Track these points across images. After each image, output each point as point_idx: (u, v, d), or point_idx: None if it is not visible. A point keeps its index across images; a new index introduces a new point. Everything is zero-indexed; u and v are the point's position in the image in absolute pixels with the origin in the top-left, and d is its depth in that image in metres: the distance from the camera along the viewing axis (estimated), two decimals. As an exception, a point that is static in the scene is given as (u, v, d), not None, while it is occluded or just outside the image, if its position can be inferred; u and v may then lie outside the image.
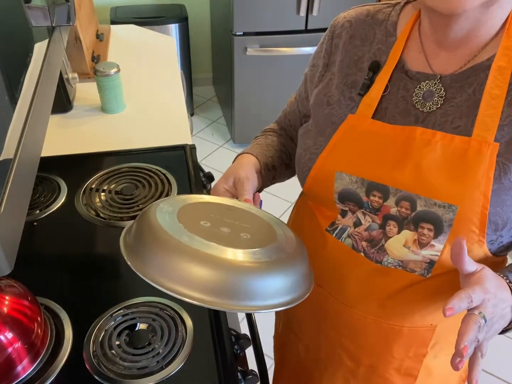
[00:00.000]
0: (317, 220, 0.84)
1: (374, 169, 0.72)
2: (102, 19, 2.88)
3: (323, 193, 0.79)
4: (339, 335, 0.89)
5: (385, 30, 0.77)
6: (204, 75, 3.65)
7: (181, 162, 1.28)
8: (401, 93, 0.73)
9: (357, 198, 0.75)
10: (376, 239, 0.76)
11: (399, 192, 0.71)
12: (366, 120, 0.74)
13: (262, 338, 1.01)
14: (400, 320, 0.81)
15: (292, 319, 1.03)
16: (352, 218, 0.77)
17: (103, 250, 1.05)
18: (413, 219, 0.71)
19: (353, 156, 0.74)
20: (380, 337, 0.84)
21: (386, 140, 0.72)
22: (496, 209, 0.67)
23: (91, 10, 1.93)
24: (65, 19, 0.80)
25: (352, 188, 0.74)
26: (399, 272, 0.76)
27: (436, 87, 0.71)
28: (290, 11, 2.59)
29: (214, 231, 0.62)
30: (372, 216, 0.75)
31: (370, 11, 0.80)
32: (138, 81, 1.71)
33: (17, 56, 0.66)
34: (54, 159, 1.28)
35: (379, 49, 0.76)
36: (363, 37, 0.79)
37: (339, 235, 0.80)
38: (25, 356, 0.77)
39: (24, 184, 0.60)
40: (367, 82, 0.75)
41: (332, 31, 0.83)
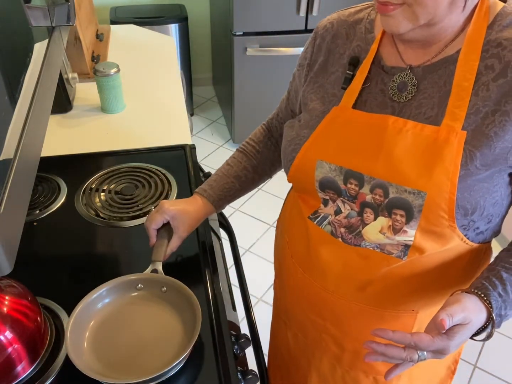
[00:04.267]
0: (301, 209, 0.88)
1: (351, 158, 0.75)
2: (102, 19, 2.88)
3: (305, 182, 0.82)
4: (324, 321, 0.92)
5: (364, 28, 0.80)
6: (204, 75, 3.65)
7: (181, 162, 1.28)
8: (379, 87, 0.77)
9: (336, 186, 0.78)
10: (354, 226, 0.79)
11: (373, 180, 0.74)
12: (346, 111, 0.77)
13: (262, 338, 1.01)
14: (381, 304, 0.84)
15: (280, 308, 1.06)
16: (333, 207, 0.81)
17: (103, 250, 1.05)
18: (386, 205, 0.74)
19: (334, 145, 0.77)
20: (363, 323, 0.87)
21: (363, 129, 0.75)
22: (463, 195, 0.70)
23: (91, 10, 1.93)
24: (65, 19, 0.80)
25: (331, 176, 0.77)
26: (377, 254, 0.79)
27: (408, 77, 0.74)
28: (290, 11, 2.59)
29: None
30: (351, 204, 0.78)
31: (351, 12, 0.84)
32: (138, 81, 1.71)
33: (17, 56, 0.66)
34: (54, 159, 1.28)
35: (358, 45, 0.80)
36: (344, 36, 0.82)
37: (320, 222, 0.84)
38: (25, 356, 0.77)
39: (24, 184, 0.60)
40: (349, 76, 0.79)
41: (316, 32, 0.87)
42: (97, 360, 0.79)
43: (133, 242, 1.06)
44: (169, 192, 1.17)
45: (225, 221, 1.31)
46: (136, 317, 0.85)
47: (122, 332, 0.83)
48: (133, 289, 0.88)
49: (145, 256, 0.99)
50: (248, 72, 2.77)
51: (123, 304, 0.87)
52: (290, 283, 0.98)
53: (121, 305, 0.87)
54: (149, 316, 0.86)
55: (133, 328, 0.84)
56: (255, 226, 2.51)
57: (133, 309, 0.86)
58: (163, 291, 0.87)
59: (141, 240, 1.06)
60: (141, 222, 1.09)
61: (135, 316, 0.86)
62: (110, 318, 0.85)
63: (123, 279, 0.88)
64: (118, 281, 0.87)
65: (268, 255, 2.34)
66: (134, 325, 0.84)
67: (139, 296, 0.88)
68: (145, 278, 0.89)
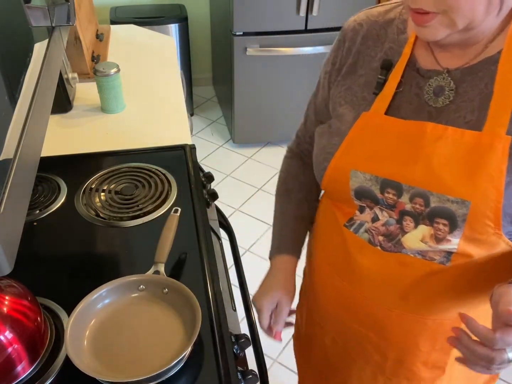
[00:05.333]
0: (336, 216, 0.85)
1: (387, 166, 0.73)
2: (102, 19, 2.87)
3: (339, 191, 0.80)
4: (365, 329, 0.89)
5: (396, 29, 0.76)
6: (204, 75, 3.64)
7: (181, 162, 1.28)
8: (414, 91, 0.73)
9: (372, 195, 0.75)
10: (393, 234, 0.77)
11: (412, 189, 0.71)
12: (379, 117, 0.74)
13: (262, 338, 1.01)
14: (424, 312, 0.81)
15: (314, 311, 1.04)
16: (370, 214, 0.78)
17: (103, 250, 1.05)
18: (428, 214, 0.71)
19: (367, 153, 0.74)
20: (405, 331, 0.84)
21: (398, 136, 0.72)
22: (510, 202, 0.66)
23: (91, 10, 1.93)
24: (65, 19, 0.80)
25: (367, 185, 0.75)
26: (418, 261, 0.76)
27: (445, 81, 0.71)
28: (290, 11, 2.59)
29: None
30: (389, 212, 0.75)
31: (380, 11, 0.79)
32: (138, 81, 1.71)
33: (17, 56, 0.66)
34: (54, 159, 1.28)
35: (390, 48, 0.76)
36: (375, 37, 0.78)
37: (356, 230, 0.81)
38: (25, 356, 0.77)
39: (24, 184, 0.60)
40: (381, 80, 0.75)
41: (343, 35, 0.82)
42: (97, 360, 0.79)
43: (133, 242, 1.06)
44: (169, 192, 1.17)
45: (225, 221, 1.31)
46: (136, 318, 0.85)
47: (122, 332, 0.83)
48: (134, 290, 0.88)
49: (145, 256, 0.99)
50: (248, 72, 2.77)
51: (123, 305, 0.87)
52: (327, 290, 0.95)
53: (122, 306, 0.87)
54: (149, 317, 0.86)
55: (133, 328, 0.84)
56: (255, 226, 2.51)
57: (134, 309, 0.86)
58: (164, 293, 0.87)
59: (141, 240, 1.06)
60: (141, 222, 1.09)
61: (135, 316, 0.86)
62: (110, 318, 0.85)
63: (124, 280, 0.88)
64: (119, 282, 0.87)
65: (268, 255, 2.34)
66: (134, 325, 0.84)
67: (139, 297, 0.88)
68: (146, 279, 0.89)
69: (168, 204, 1.14)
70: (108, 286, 0.86)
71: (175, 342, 0.81)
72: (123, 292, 0.88)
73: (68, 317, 0.81)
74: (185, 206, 1.09)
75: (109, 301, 0.86)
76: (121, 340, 0.82)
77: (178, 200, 1.15)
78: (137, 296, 0.88)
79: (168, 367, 0.75)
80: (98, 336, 0.82)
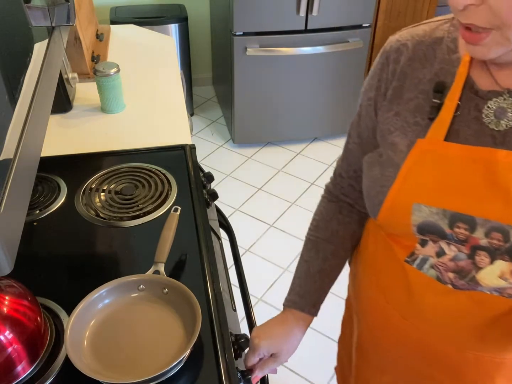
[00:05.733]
0: (394, 250, 0.79)
1: (456, 199, 0.66)
2: (102, 19, 2.87)
3: (399, 226, 0.74)
4: (433, 370, 0.83)
5: (446, 48, 0.70)
6: (204, 75, 3.64)
7: (181, 162, 1.28)
8: (473, 114, 0.67)
9: (439, 230, 0.69)
10: (465, 270, 0.70)
11: (488, 223, 0.65)
12: (438, 144, 0.67)
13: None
14: (501, 351, 0.75)
15: (370, 351, 0.96)
16: (434, 248, 0.71)
17: (103, 250, 1.05)
18: (507, 250, 0.65)
19: (430, 184, 0.68)
20: (481, 372, 0.79)
21: (464, 165, 0.65)
22: None
23: (91, 10, 1.93)
24: (65, 19, 0.80)
25: (433, 220, 0.68)
26: (495, 298, 0.70)
27: (506, 102, 0.65)
28: (290, 11, 2.59)
29: None
30: (458, 246, 0.69)
31: (426, 30, 0.73)
32: (138, 81, 1.71)
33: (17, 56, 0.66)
34: (54, 159, 1.28)
35: (442, 68, 0.70)
36: (423, 58, 0.72)
37: (420, 266, 0.74)
38: (25, 356, 0.77)
39: (24, 184, 0.60)
40: (436, 104, 0.69)
41: (386, 57, 0.76)
42: (97, 360, 0.79)
43: (133, 242, 1.06)
44: (169, 192, 1.17)
45: (225, 221, 1.31)
46: (136, 318, 0.85)
47: (122, 332, 0.83)
48: (134, 289, 0.88)
49: (144, 256, 0.99)
50: (248, 72, 2.77)
51: (123, 305, 0.87)
52: (385, 330, 0.88)
53: (122, 306, 0.87)
54: (149, 317, 0.86)
55: (133, 328, 0.84)
56: (255, 226, 2.51)
57: (134, 309, 0.86)
58: (164, 293, 0.87)
59: (141, 240, 1.06)
60: (141, 222, 1.09)
61: (135, 316, 0.86)
62: (110, 318, 0.85)
63: (124, 280, 0.88)
64: (119, 282, 0.87)
65: (268, 255, 2.34)
66: (134, 326, 0.84)
67: (139, 297, 0.88)
68: (146, 279, 0.89)
69: (168, 204, 1.14)
70: (108, 286, 0.86)
71: (175, 342, 0.81)
72: (123, 292, 0.88)
73: (68, 317, 0.82)
74: (185, 206, 1.09)
75: (109, 301, 0.86)
76: (121, 340, 0.82)
77: (178, 200, 1.15)
78: (137, 296, 0.88)
79: (168, 368, 0.75)
80: (98, 336, 0.82)
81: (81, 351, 0.79)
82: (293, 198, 2.69)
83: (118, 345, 0.81)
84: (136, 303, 0.87)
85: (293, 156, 3.00)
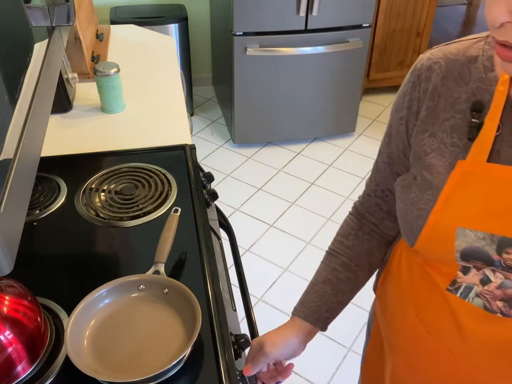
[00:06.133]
0: (433, 278, 0.76)
1: (505, 222, 0.64)
2: (102, 19, 2.87)
3: (440, 251, 0.71)
4: None
5: (482, 66, 0.68)
6: (204, 75, 3.65)
7: (181, 162, 1.28)
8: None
9: (486, 256, 0.66)
10: None
11: None
12: (481, 165, 0.65)
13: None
14: None
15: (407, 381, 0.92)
16: (477, 275, 0.69)
17: (103, 250, 1.05)
18: None
19: (475, 208, 0.66)
20: None
21: (510, 187, 0.63)
22: None
23: (91, 10, 1.93)
24: (65, 19, 0.80)
25: (479, 245, 0.66)
26: None
27: None
28: (290, 11, 2.59)
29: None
30: (505, 273, 0.66)
31: (459, 49, 0.71)
32: (138, 81, 1.71)
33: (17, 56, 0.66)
34: (54, 159, 1.28)
35: (478, 87, 0.68)
36: (457, 77, 0.70)
37: (464, 295, 0.71)
38: (25, 356, 0.77)
39: (24, 184, 0.60)
40: (475, 124, 0.67)
41: (418, 75, 0.74)
42: (97, 360, 0.79)
43: (133, 242, 1.06)
44: (169, 192, 1.17)
45: (225, 221, 1.31)
46: (136, 318, 0.85)
47: (122, 332, 0.83)
48: (134, 289, 0.88)
49: (145, 256, 0.99)
50: (248, 72, 2.77)
51: (123, 305, 0.87)
52: (428, 364, 0.83)
53: (122, 306, 0.87)
54: (149, 317, 0.86)
55: (133, 328, 0.84)
56: (255, 226, 2.51)
57: (134, 309, 0.86)
58: (164, 293, 0.87)
59: (141, 240, 1.06)
60: (141, 222, 1.09)
61: (135, 316, 0.86)
62: (110, 318, 0.85)
63: (124, 280, 0.88)
64: (119, 282, 0.87)
65: (268, 255, 2.34)
66: (134, 325, 0.84)
67: (139, 297, 0.88)
68: (146, 279, 0.89)
69: (168, 204, 1.14)
70: (108, 286, 0.86)
71: (175, 342, 0.81)
72: (123, 292, 0.88)
73: (68, 317, 0.82)
74: (185, 206, 1.09)
75: (109, 301, 0.86)
76: (121, 340, 0.82)
77: (178, 200, 1.16)
78: (137, 296, 0.88)
79: (168, 367, 0.75)
80: (98, 336, 0.82)
81: (81, 351, 0.79)
82: (293, 198, 2.69)
83: (118, 345, 0.81)
84: (136, 303, 0.87)
85: (293, 156, 3.00)
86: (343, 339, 1.98)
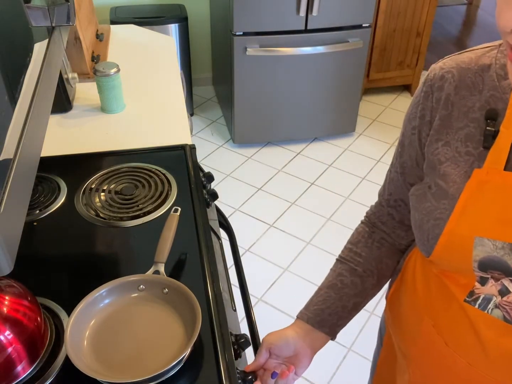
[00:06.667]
0: (449, 289, 0.74)
1: None
2: (102, 19, 2.88)
3: (457, 261, 0.70)
4: None
5: (496, 75, 0.68)
6: (204, 75, 3.65)
7: (181, 162, 1.28)
8: None
9: (505, 266, 0.65)
10: None
11: None
12: (498, 174, 0.64)
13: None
14: None
15: None
16: (495, 286, 0.67)
17: (103, 250, 1.05)
18: None
19: (492, 217, 0.65)
20: None
21: None
22: None
23: (91, 10, 1.93)
24: (65, 19, 0.80)
25: (498, 255, 0.65)
26: None
27: None
28: (290, 11, 2.59)
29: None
30: None
31: (471, 57, 0.71)
32: (138, 81, 1.71)
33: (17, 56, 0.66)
34: (54, 159, 1.28)
35: (492, 95, 0.68)
36: (470, 86, 0.70)
37: (483, 306, 0.70)
38: (25, 356, 0.77)
39: (24, 184, 0.60)
40: (490, 132, 0.66)
41: (430, 85, 0.74)
42: (97, 360, 0.79)
43: (132, 242, 1.06)
44: (169, 192, 1.17)
45: (225, 221, 1.31)
46: (136, 318, 0.85)
47: (122, 332, 0.83)
48: (134, 289, 0.88)
49: (145, 256, 0.99)
50: (248, 72, 2.77)
51: (123, 305, 0.87)
52: (446, 377, 0.81)
53: (122, 306, 0.87)
54: (149, 317, 0.86)
55: (133, 328, 0.84)
56: (255, 226, 2.51)
57: (134, 309, 0.86)
58: (164, 293, 0.87)
59: (141, 240, 1.06)
60: (141, 222, 1.09)
61: (135, 316, 0.86)
62: (110, 318, 0.85)
63: (124, 280, 0.88)
64: (119, 282, 0.87)
65: (268, 255, 2.34)
66: (134, 325, 0.84)
67: (139, 297, 0.88)
68: (146, 279, 0.89)
69: (168, 204, 1.14)
70: (108, 286, 0.86)
71: (175, 342, 0.81)
72: (123, 292, 0.88)
73: (68, 317, 0.82)
74: (185, 206, 1.09)
75: (109, 301, 0.87)
76: (121, 340, 0.82)
77: (178, 200, 1.16)
78: (137, 296, 0.88)
79: (168, 367, 0.75)
80: (98, 336, 0.82)
81: (81, 351, 0.79)
82: (293, 198, 2.69)
83: (118, 345, 0.81)
84: (136, 303, 0.87)
85: (293, 156, 3.00)
86: (343, 339, 1.98)
